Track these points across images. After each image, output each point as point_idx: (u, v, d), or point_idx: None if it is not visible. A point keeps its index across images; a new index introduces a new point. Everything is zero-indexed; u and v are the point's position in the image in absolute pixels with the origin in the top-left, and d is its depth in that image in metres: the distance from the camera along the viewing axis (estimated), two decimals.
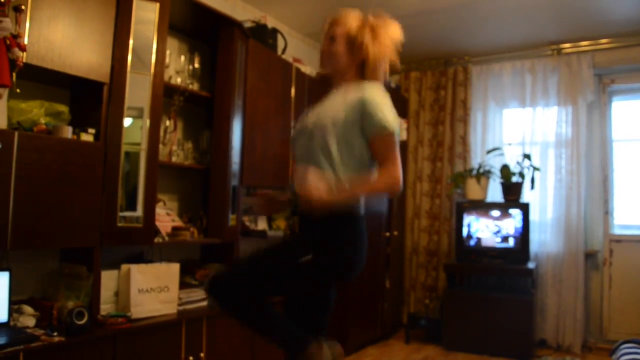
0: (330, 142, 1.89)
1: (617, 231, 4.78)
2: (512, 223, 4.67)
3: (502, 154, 4.97)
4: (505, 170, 4.78)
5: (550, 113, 4.95)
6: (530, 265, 4.56)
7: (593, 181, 4.83)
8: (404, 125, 5.04)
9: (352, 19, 2.02)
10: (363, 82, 1.97)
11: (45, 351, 2.21)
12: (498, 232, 4.71)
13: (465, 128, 5.26)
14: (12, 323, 2.36)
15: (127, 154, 2.74)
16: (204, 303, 3.15)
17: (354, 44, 1.98)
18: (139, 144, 2.79)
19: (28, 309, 2.45)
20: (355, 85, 1.97)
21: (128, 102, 2.71)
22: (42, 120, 2.45)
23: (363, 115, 1.87)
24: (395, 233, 5.12)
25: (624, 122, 4.87)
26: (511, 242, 4.66)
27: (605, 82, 4.85)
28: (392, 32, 2.00)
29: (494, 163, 4.96)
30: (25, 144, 2.27)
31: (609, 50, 4.71)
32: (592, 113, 4.86)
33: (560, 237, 4.77)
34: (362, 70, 2.01)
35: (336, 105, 1.95)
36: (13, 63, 2.18)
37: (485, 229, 4.75)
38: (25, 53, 2.23)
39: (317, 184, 1.81)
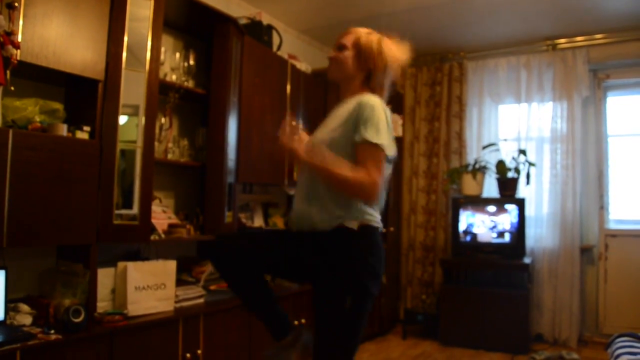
0: None
1: (612, 226, 4.80)
2: (507, 218, 4.68)
3: (497, 150, 4.99)
4: (500, 166, 4.79)
5: (545, 108, 4.97)
6: (526, 260, 4.58)
7: (588, 176, 4.85)
8: (400, 122, 5.04)
9: (363, 31, 2.05)
10: (366, 93, 1.98)
11: (42, 349, 2.21)
12: (494, 227, 4.73)
13: (460, 124, 5.27)
14: (8, 321, 2.35)
15: (122, 151, 2.73)
16: (201, 300, 3.15)
17: (362, 52, 2.00)
18: (134, 142, 2.78)
19: (24, 307, 2.44)
20: (359, 95, 1.97)
21: (123, 99, 2.70)
22: (37, 118, 2.44)
23: (356, 121, 1.86)
24: (392, 229, 5.13)
25: (619, 117, 4.89)
26: (507, 238, 4.68)
27: (600, 78, 4.87)
28: (400, 51, 2.04)
29: (490, 159, 4.98)
30: (20, 142, 2.26)
31: (603, 45, 4.72)
32: (587, 108, 4.87)
33: (556, 232, 4.79)
34: (368, 81, 2.02)
35: (336, 119, 1.95)
36: (7, 61, 2.17)
37: (481, 225, 4.76)
38: (19, 51, 2.21)
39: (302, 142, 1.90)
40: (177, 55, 3.35)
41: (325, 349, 1.89)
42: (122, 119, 2.72)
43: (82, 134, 2.57)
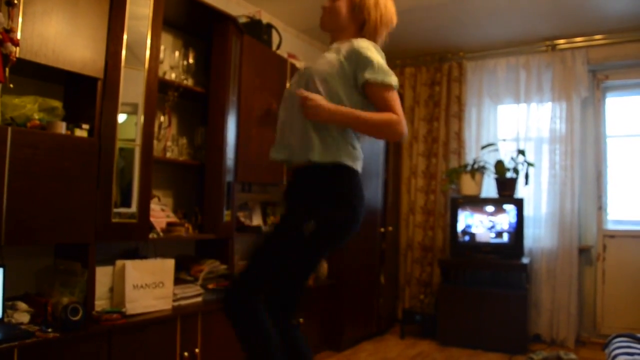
0: (321, 92, 1.89)
1: (610, 226, 4.80)
2: (506, 218, 4.69)
3: (496, 150, 4.99)
4: (499, 166, 4.79)
5: (544, 109, 4.97)
6: (525, 260, 4.59)
7: (587, 177, 4.85)
8: None
9: None
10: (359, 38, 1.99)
11: (40, 347, 2.21)
12: (492, 227, 4.73)
13: (459, 124, 5.27)
14: (6, 319, 2.35)
15: (121, 149, 2.73)
16: (199, 299, 3.15)
17: (356, 3, 2.01)
18: (133, 140, 2.78)
19: (22, 305, 2.44)
20: (352, 39, 1.98)
21: (122, 97, 2.70)
22: (36, 116, 2.44)
23: (357, 64, 1.88)
24: (390, 228, 5.13)
25: (618, 118, 4.89)
26: (505, 238, 4.68)
27: (600, 78, 4.87)
28: (391, 6, 2.06)
29: (489, 159, 4.98)
30: (19, 139, 2.26)
31: (603, 46, 4.73)
32: (586, 109, 4.88)
33: (555, 233, 4.80)
34: (360, 32, 2.03)
35: (329, 58, 1.95)
36: (6, 58, 2.17)
37: (480, 225, 4.77)
38: (18, 48, 2.21)
39: (315, 96, 1.83)
40: (177, 53, 3.35)
41: (256, 261, 1.88)
42: (121, 117, 2.72)
43: (81, 132, 2.57)
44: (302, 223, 1.83)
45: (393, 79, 1.88)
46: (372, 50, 1.90)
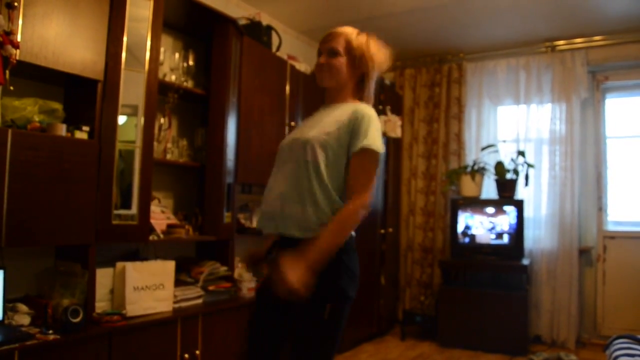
0: (320, 160, 1.79)
1: (610, 227, 4.81)
2: (506, 220, 4.69)
3: (496, 151, 4.99)
4: (499, 167, 4.80)
5: (544, 110, 4.97)
6: (525, 261, 4.59)
7: (587, 178, 4.86)
8: (399, 123, 5.04)
9: (352, 32, 1.97)
10: (356, 101, 1.94)
11: (40, 349, 2.21)
12: (492, 228, 4.73)
13: (459, 125, 5.28)
14: (6, 321, 2.35)
15: (121, 151, 2.73)
16: (200, 301, 3.14)
17: (356, 58, 1.93)
18: (133, 142, 2.78)
19: (23, 307, 2.44)
20: (349, 104, 1.92)
21: (122, 99, 2.70)
22: (36, 118, 2.44)
23: (353, 131, 1.80)
24: (390, 230, 5.13)
25: (617, 119, 4.89)
26: (505, 239, 4.68)
27: (599, 79, 4.88)
28: (385, 55, 1.99)
29: (489, 160, 4.98)
30: (19, 141, 2.26)
31: (602, 47, 4.73)
32: (585, 110, 4.88)
33: (555, 234, 4.80)
34: (360, 87, 1.97)
35: (328, 124, 1.86)
36: (6, 60, 2.17)
37: (480, 226, 4.77)
38: (18, 50, 2.21)
39: (293, 270, 1.62)
40: (177, 55, 3.36)
41: None
42: (121, 119, 2.72)
43: (81, 134, 2.57)
44: (321, 312, 1.75)
45: (378, 145, 1.79)
46: (373, 123, 1.82)
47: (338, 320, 1.79)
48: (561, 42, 4.88)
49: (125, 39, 2.71)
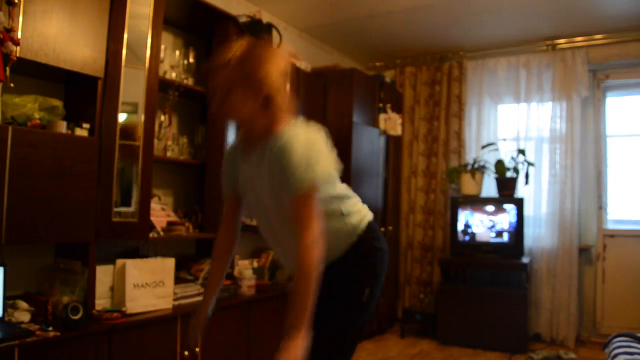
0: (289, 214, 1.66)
1: (610, 226, 4.81)
2: (506, 218, 4.69)
3: (496, 149, 4.99)
4: (499, 166, 4.80)
5: (544, 108, 4.97)
6: (525, 260, 4.59)
7: (587, 176, 4.86)
8: (399, 121, 5.05)
9: (235, 57, 1.66)
10: (279, 127, 1.68)
11: (40, 346, 2.21)
12: (492, 227, 4.73)
13: (460, 123, 5.27)
14: (6, 318, 2.35)
15: (121, 147, 2.73)
16: (199, 298, 3.14)
17: (250, 85, 1.63)
18: (134, 139, 2.78)
19: (23, 304, 2.44)
20: (269, 139, 1.69)
21: (123, 96, 2.70)
22: (36, 115, 2.44)
23: (283, 172, 1.62)
24: (390, 228, 5.13)
25: (618, 117, 4.89)
26: (505, 237, 4.69)
27: (600, 78, 4.87)
28: (280, 55, 1.72)
29: (489, 158, 4.98)
30: (20, 138, 2.26)
31: (603, 45, 4.73)
32: (586, 108, 4.88)
33: (555, 232, 4.80)
34: (270, 106, 1.67)
35: (265, 172, 1.70)
36: (6, 57, 2.17)
37: (480, 224, 4.77)
38: (18, 47, 2.21)
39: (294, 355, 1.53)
40: (177, 52, 3.36)
41: (335, 340, 1.78)
42: (122, 117, 2.72)
43: (82, 131, 2.57)
44: (360, 297, 1.80)
45: (307, 183, 1.60)
46: (295, 153, 1.60)
47: (372, 303, 1.84)
48: (562, 40, 4.87)
49: (125, 36, 2.71)
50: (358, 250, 1.84)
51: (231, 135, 3.42)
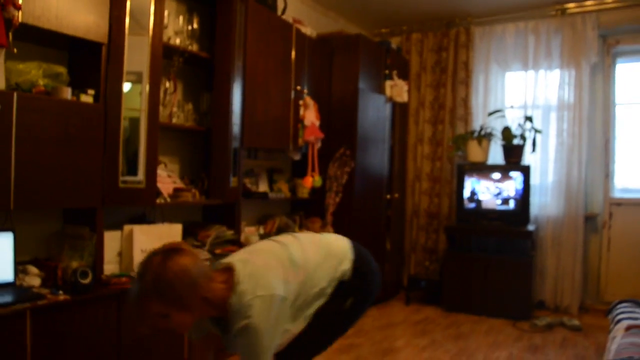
0: None
1: (617, 194, 4.79)
2: (512, 185, 4.68)
3: (503, 116, 4.95)
4: (506, 133, 4.76)
5: (552, 76, 4.90)
6: (530, 227, 4.60)
7: (595, 144, 4.82)
8: (405, 88, 5.00)
9: (154, 280, 1.62)
10: (227, 301, 1.70)
11: (51, 309, 2.25)
12: (499, 194, 4.73)
13: (467, 90, 5.22)
14: (18, 283, 2.40)
15: (127, 115, 2.73)
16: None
17: (177, 304, 1.61)
18: (139, 106, 2.78)
19: (33, 269, 2.48)
20: (228, 310, 1.70)
21: (127, 63, 2.69)
22: (41, 82, 2.44)
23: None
24: (396, 195, 5.14)
25: (627, 84, 4.82)
26: (511, 205, 4.68)
27: (610, 43, 4.79)
28: (186, 267, 1.65)
29: (496, 125, 4.95)
30: (25, 105, 2.26)
31: (614, 10, 4.63)
32: (595, 75, 4.81)
33: (561, 200, 4.79)
34: (210, 301, 1.69)
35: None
36: (8, 22, 2.16)
37: (486, 191, 4.76)
38: (20, 12, 2.19)
39: None
40: (181, 18, 3.32)
41: (312, 342, 1.91)
42: (126, 83, 2.71)
43: (87, 98, 2.57)
44: (342, 304, 1.93)
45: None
46: (251, 333, 1.65)
47: (356, 312, 1.99)
48: (571, 5, 4.77)
49: (128, 2, 2.68)
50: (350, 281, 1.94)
51: (236, 102, 3.41)
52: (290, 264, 1.84)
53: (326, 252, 1.95)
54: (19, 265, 2.46)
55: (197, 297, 1.64)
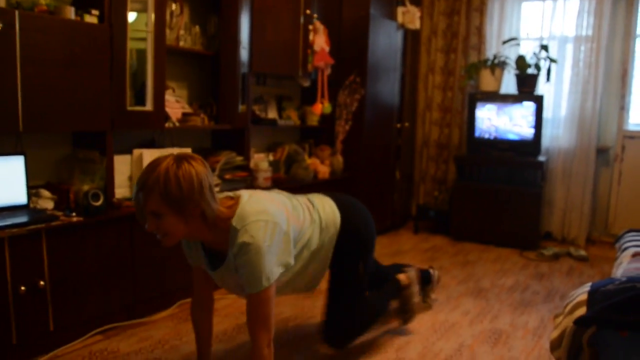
0: None
1: (631, 127, 4.70)
2: (525, 115, 4.60)
3: (518, 44, 4.80)
4: (520, 61, 4.63)
5: (571, 4, 4.70)
6: (541, 158, 4.56)
7: (611, 75, 4.69)
8: (418, 14, 4.84)
9: (160, 177, 1.61)
10: (226, 223, 1.75)
11: (65, 230, 2.29)
12: (510, 124, 4.65)
13: (481, 18, 5.04)
14: (31, 205, 2.42)
15: (133, 36, 2.66)
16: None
17: (179, 207, 1.63)
18: (145, 29, 2.71)
19: (46, 192, 2.50)
20: (225, 232, 1.75)
21: None
22: (43, 1, 2.37)
23: (240, 266, 1.74)
24: (407, 124, 5.09)
25: None
26: (523, 135, 4.62)
27: None
28: (196, 172, 1.66)
29: (510, 54, 4.81)
30: (28, 24, 2.20)
31: None
32: (617, 3, 4.61)
33: (573, 132, 4.72)
34: (207, 219, 1.72)
35: (229, 270, 1.83)
36: None
37: (498, 121, 4.69)
38: None
39: None
40: None
41: (346, 302, 2.27)
42: (131, 4, 2.62)
43: (91, 18, 2.50)
44: (357, 270, 2.30)
45: (260, 286, 1.72)
46: (252, 261, 1.71)
47: (367, 270, 2.37)
48: None
49: None
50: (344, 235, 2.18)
51: (244, 26, 3.31)
52: (293, 209, 1.97)
53: (318, 217, 2.12)
54: (32, 189, 2.48)
55: (197, 207, 1.66)
